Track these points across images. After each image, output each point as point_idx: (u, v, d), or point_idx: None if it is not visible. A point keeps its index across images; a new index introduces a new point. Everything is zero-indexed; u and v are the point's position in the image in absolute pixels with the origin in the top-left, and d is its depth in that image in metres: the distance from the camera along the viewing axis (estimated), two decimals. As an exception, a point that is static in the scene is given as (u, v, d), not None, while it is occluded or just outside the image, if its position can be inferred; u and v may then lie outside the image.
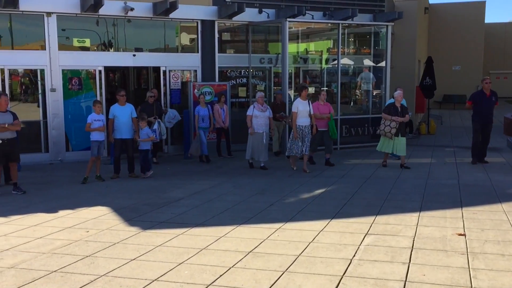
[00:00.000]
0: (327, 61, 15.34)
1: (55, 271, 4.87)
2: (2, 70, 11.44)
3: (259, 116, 10.59)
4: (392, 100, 11.12)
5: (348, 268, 4.87)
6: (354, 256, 5.21)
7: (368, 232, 6.04)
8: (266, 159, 10.74)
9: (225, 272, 4.80)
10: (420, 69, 19.79)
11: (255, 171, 10.56)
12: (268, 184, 9.09)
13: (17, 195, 8.41)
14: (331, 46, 15.35)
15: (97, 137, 9.67)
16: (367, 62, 15.52)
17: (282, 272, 4.78)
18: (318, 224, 6.40)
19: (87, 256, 5.30)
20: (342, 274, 4.72)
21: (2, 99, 8.50)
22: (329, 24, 14.71)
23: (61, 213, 7.20)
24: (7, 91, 11.18)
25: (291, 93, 13.72)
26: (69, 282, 4.59)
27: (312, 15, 14.05)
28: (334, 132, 11.17)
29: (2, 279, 4.68)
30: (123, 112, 9.89)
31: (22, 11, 11.30)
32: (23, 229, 6.39)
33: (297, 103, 10.21)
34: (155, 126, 10.87)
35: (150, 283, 4.56)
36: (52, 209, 7.40)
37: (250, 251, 5.40)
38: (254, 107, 10.72)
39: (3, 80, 11.45)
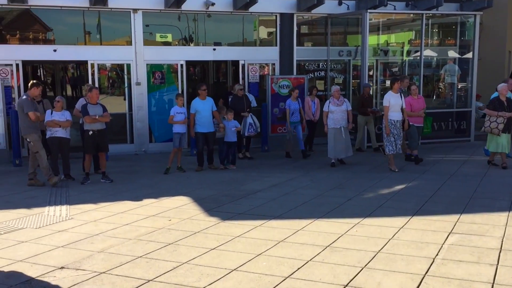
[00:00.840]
0: (408, 53, 14.81)
1: (140, 257, 5.11)
2: (92, 65, 12.10)
3: (335, 111, 10.18)
4: (496, 94, 10.10)
5: (431, 267, 4.71)
6: (437, 255, 5.03)
7: (452, 231, 5.80)
8: (351, 154, 10.45)
9: (303, 265, 4.81)
10: (510, 61, 18.59)
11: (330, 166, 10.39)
12: (345, 179, 8.97)
13: (105, 184, 8.89)
14: (413, 38, 14.80)
15: (179, 129, 9.92)
16: (452, 53, 14.81)
17: (361, 268, 4.71)
18: (398, 221, 6.23)
19: (169, 244, 5.51)
20: (424, 273, 4.57)
21: (94, 92, 9.01)
22: (412, 15, 14.20)
23: (145, 201, 7.53)
24: (96, 85, 11.81)
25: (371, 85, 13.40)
26: (153, 268, 4.80)
27: (394, 6, 13.63)
28: (428, 127, 10.75)
29: (92, 262, 4.98)
30: (205, 107, 10.03)
31: (111, 8, 11.88)
32: (111, 215, 6.76)
33: (389, 96, 9.64)
34: (249, 120, 10.95)
35: (230, 272, 4.66)
36: (137, 198, 7.75)
37: (328, 246, 5.36)
38: (329, 102, 10.32)
39: (92, 74, 12.12)
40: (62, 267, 4.85)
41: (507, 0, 17.44)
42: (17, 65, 11.53)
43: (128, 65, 12.35)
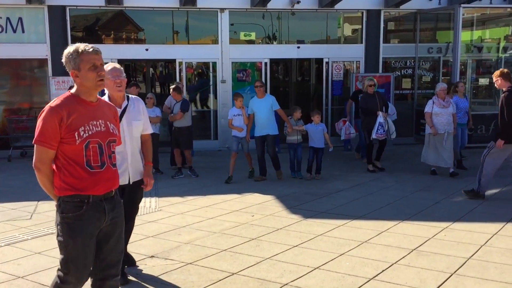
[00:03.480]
0: (505, 49, 13.93)
1: (225, 250, 5.23)
2: (180, 63, 12.54)
3: (439, 114, 8.84)
4: None
5: (528, 277, 4.42)
6: (534, 265, 4.71)
7: (552, 240, 5.40)
8: (450, 165, 8.94)
9: (387, 268, 4.69)
10: None
11: (416, 167, 9.94)
12: (433, 180, 8.63)
13: (191, 178, 9.19)
14: (510, 33, 13.90)
15: (237, 133, 8.90)
16: (553, 49, 13.75)
17: (450, 274, 4.52)
18: (491, 227, 5.90)
19: (252, 239, 5.59)
20: (520, 283, 4.30)
21: (172, 91, 9.33)
22: (509, 9, 13.34)
23: (229, 196, 7.69)
24: (184, 82, 12.22)
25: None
26: (237, 261, 4.90)
27: (490, 0, 12.88)
28: None
29: (180, 253, 5.18)
30: (262, 106, 8.81)
31: (199, 8, 12.23)
32: (197, 209, 6.98)
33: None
34: (380, 119, 9.38)
35: (312, 270, 4.65)
36: (221, 193, 7.94)
37: (414, 249, 5.19)
38: (433, 102, 8.99)
39: (180, 71, 12.56)
40: (152, 256, 5.09)
41: None
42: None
43: (214, 63, 12.66)
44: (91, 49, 3.03)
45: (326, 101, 13.13)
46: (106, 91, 4.28)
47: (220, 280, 4.47)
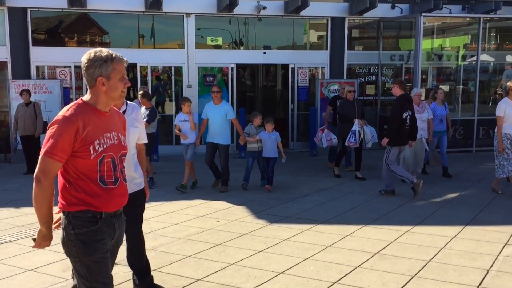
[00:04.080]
0: (464, 57, 14.39)
1: (189, 256, 5.20)
2: (145, 67, 12.43)
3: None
4: None
5: (484, 279, 4.56)
6: (491, 266, 4.86)
7: (508, 242, 5.59)
8: (420, 170, 9.10)
9: (351, 271, 4.76)
10: None
11: (379, 172, 10.10)
12: (395, 185, 8.79)
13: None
14: (469, 42, 14.37)
15: (183, 140, 8.55)
16: (510, 58, 14.28)
17: (411, 277, 4.62)
18: (450, 230, 6.06)
19: (218, 245, 5.58)
20: (477, 284, 4.43)
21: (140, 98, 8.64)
22: (468, 18, 13.78)
23: (195, 202, 7.65)
24: (149, 87, 12.11)
25: (423, 91, 13.11)
26: (202, 267, 4.88)
27: (450, 9, 13.28)
28: None
29: (144, 259, 5.11)
30: (216, 112, 8.37)
31: (165, 12, 12.17)
32: (162, 215, 6.91)
33: (504, 104, 7.78)
34: (355, 127, 9.15)
35: (277, 275, 4.68)
36: (187, 198, 7.89)
37: (377, 252, 5.28)
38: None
39: (145, 77, 12.44)
40: (115, 263, 4.99)
41: None
42: (75, 67, 12.00)
43: (180, 68, 12.60)
44: (124, 59, 2.88)
45: (292, 106, 13.25)
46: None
47: (184, 286, 4.44)
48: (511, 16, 13.89)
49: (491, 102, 14.69)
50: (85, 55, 2.84)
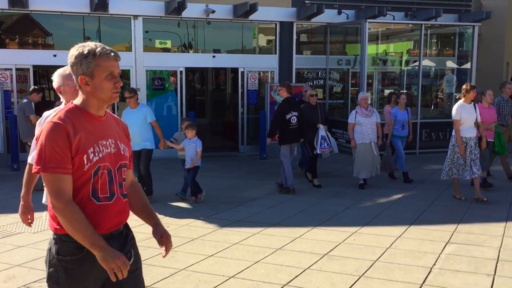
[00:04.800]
0: (407, 62, 14.90)
1: (138, 263, 5.10)
2: (92, 70, 12.12)
3: (363, 123, 8.72)
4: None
5: (428, 276, 4.73)
6: (434, 264, 5.04)
7: (450, 241, 5.82)
8: (378, 173, 9.01)
9: (300, 273, 4.81)
10: (508, 72, 18.70)
11: (327, 174, 10.37)
12: (343, 187, 8.98)
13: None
14: (412, 48, 14.89)
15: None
16: (450, 64, 14.90)
17: (358, 277, 4.72)
18: (395, 230, 6.25)
19: (167, 250, 5.50)
20: (421, 282, 4.59)
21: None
22: (411, 25, 14.29)
23: (143, 207, 7.50)
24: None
25: (369, 95, 13.48)
26: (151, 274, 4.80)
27: (393, 16, 13.72)
28: (503, 146, 8.84)
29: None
30: (134, 117, 7.84)
31: (111, 14, 11.93)
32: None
33: (461, 107, 7.78)
34: (322, 132, 8.92)
35: (228, 279, 4.67)
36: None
37: (326, 254, 5.37)
38: (356, 112, 8.85)
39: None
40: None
41: (505, 12, 17.57)
42: (17, 69, 11.55)
43: (128, 71, 12.38)
44: (111, 54, 2.43)
45: (242, 110, 13.28)
46: (63, 101, 3.45)
47: (133, 294, 4.35)
48: (450, 23, 14.52)
49: (433, 106, 15.29)
50: (70, 52, 2.48)
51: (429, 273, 4.80)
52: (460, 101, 7.91)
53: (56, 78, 3.45)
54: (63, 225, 2.30)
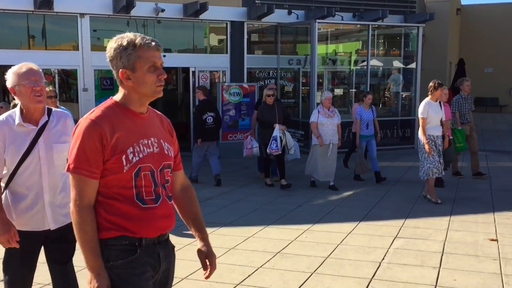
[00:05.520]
0: (356, 62, 15.23)
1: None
2: (37, 70, 11.72)
3: (325, 124, 8.58)
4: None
5: (377, 271, 4.85)
6: (383, 259, 5.18)
7: (398, 236, 5.99)
8: (331, 179, 8.76)
9: (253, 272, 4.83)
10: (451, 71, 19.47)
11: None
12: (296, 186, 9.07)
13: None
14: (360, 48, 15.24)
15: None
16: (397, 63, 15.35)
17: (310, 274, 4.79)
18: (346, 226, 6.37)
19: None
20: (371, 277, 4.70)
21: None
22: (358, 26, 14.62)
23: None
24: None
25: (319, 94, 13.68)
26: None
27: (342, 16, 13.99)
28: (461, 142, 8.90)
29: None
30: None
31: (57, 12, 11.56)
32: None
33: (428, 105, 7.62)
34: (276, 133, 8.66)
35: (180, 281, 4.62)
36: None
37: (279, 252, 5.41)
38: (318, 111, 8.70)
39: (37, 80, 11.73)
40: None
41: (448, 14, 18.28)
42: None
43: (75, 71, 12.05)
44: (152, 43, 2.23)
45: (194, 110, 13.18)
46: (18, 102, 3.18)
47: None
48: (396, 24, 14.95)
49: (381, 105, 15.69)
50: (108, 45, 2.32)
51: (378, 268, 4.93)
52: (427, 99, 7.72)
53: (10, 77, 3.14)
54: (73, 225, 2.18)
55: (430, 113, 7.57)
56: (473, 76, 22.36)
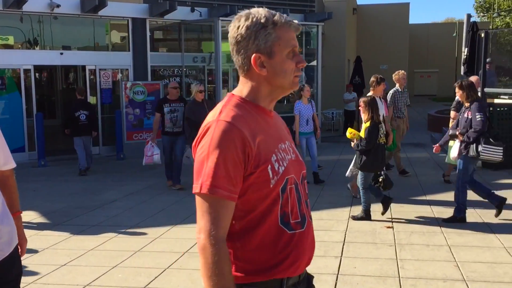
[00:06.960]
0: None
1: (-22, 281, 4.62)
2: None
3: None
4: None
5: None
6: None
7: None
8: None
9: (160, 274, 4.76)
10: (349, 68, 20.43)
11: (184, 172, 10.21)
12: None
13: None
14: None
15: None
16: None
17: (218, 271, 4.79)
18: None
19: (13, 264, 5.06)
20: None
21: None
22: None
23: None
24: None
25: (225, 92, 13.75)
26: (-6, 292, 4.37)
27: (245, 15, 14.14)
28: (393, 142, 7.99)
29: None
30: None
31: None
32: None
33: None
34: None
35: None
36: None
37: (186, 251, 5.38)
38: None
39: None
40: None
41: (345, 13, 19.15)
42: None
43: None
44: (292, 22, 1.74)
45: (96, 109, 12.70)
46: None
47: (-28, 316, 3.93)
48: (311, 23, 15.37)
49: (285, 101, 16.09)
50: (233, 23, 1.76)
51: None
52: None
53: None
54: (202, 264, 1.64)
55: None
56: (370, 72, 23.57)
